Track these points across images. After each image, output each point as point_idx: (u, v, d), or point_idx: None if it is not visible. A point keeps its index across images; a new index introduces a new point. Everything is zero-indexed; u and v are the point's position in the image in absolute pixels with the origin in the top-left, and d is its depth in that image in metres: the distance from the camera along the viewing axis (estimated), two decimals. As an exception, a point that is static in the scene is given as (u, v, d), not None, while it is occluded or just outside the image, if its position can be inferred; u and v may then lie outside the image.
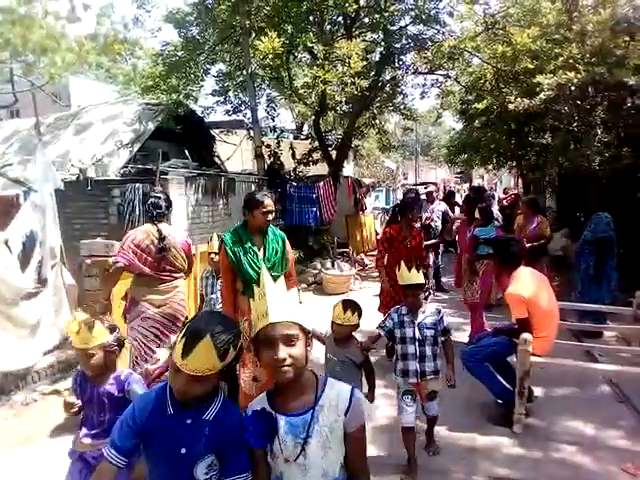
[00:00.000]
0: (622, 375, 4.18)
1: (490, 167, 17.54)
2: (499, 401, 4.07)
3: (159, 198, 3.97)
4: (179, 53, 10.00)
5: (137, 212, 7.40)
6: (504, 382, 4.04)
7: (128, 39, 16.07)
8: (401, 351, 3.31)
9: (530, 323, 3.79)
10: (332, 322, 3.14)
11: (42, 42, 14.23)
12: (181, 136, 10.91)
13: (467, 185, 46.40)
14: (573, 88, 6.98)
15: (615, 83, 6.83)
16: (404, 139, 25.45)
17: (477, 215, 5.97)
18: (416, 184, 28.48)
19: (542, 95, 7.04)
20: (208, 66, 11.50)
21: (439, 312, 3.32)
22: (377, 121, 13.04)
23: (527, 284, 3.92)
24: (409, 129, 17.85)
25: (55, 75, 15.75)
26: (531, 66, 8.43)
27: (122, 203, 7.42)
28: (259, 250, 3.57)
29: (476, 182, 46.86)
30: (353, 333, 3.21)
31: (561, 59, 8.10)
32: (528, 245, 6.77)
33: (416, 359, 3.24)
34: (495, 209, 8.30)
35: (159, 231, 3.84)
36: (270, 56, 7.92)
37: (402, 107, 12.59)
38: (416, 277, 3.24)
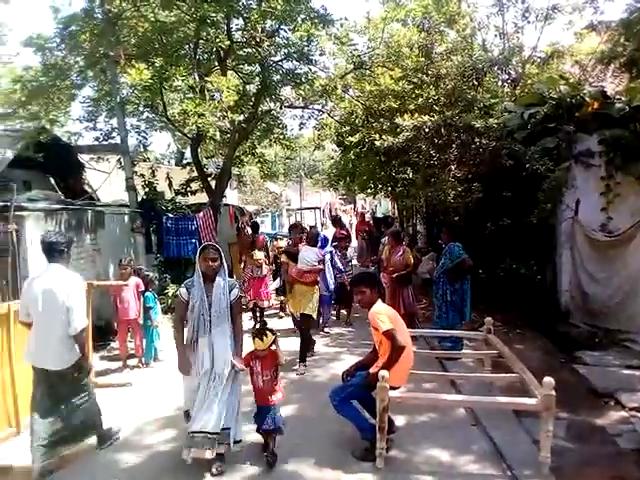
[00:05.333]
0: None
1: (369, 191, 18.50)
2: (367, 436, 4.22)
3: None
4: (41, 79, 9.29)
5: (-12, 255, 6.66)
6: (369, 418, 4.21)
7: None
8: None
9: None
10: None
11: None
12: (45, 164, 10.10)
13: (351, 206, 48.41)
14: (427, 130, 7.64)
15: (464, 125, 7.59)
16: (288, 164, 25.90)
17: None
18: (300, 208, 29.13)
19: (403, 135, 7.61)
20: (75, 91, 10.83)
21: None
22: (257, 151, 13.15)
23: (386, 310, 4.19)
24: (290, 158, 18.20)
25: None
26: (395, 105, 9.07)
27: (-31, 244, 6.63)
28: None
29: (359, 204, 49.06)
30: None
31: (421, 99, 8.83)
32: (395, 275, 7.26)
33: None
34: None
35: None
36: (139, 87, 7.65)
37: (282, 138, 12.82)
38: None
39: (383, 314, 4.10)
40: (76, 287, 4.03)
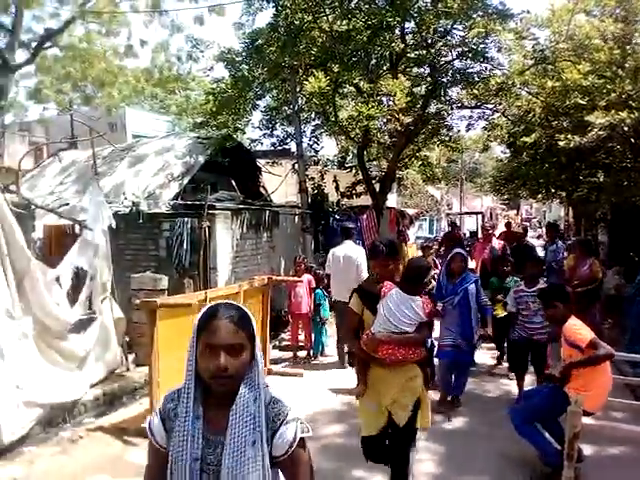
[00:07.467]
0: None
1: (540, 196, 17.21)
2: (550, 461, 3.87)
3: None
4: (229, 91, 10.31)
5: (185, 246, 7.56)
6: (554, 443, 3.85)
7: (182, 73, 16.91)
8: None
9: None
10: None
11: (101, 76, 15.15)
12: (228, 167, 11.22)
13: (514, 212, 45.35)
14: (627, 129, 6.75)
15: (672, 122, 6.57)
16: (447, 167, 25.16)
17: None
18: (460, 213, 28.09)
19: (593, 134, 6.84)
20: (256, 101, 11.82)
21: None
22: (421, 153, 12.98)
23: (582, 324, 3.84)
24: (454, 161, 17.65)
25: (112, 107, 16.75)
26: (582, 102, 8.23)
27: (171, 237, 7.61)
28: None
29: (524, 209, 45.68)
30: None
31: (614, 95, 7.87)
32: (579, 289, 6.55)
33: None
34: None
35: None
36: (316, 95, 8.06)
37: (447, 139, 12.48)
38: None
39: (581, 327, 3.75)
40: (362, 253, 6.54)
